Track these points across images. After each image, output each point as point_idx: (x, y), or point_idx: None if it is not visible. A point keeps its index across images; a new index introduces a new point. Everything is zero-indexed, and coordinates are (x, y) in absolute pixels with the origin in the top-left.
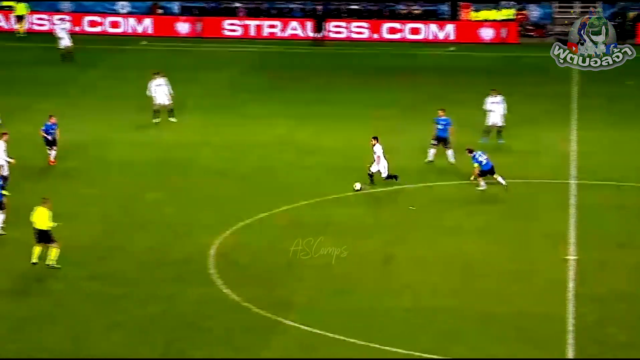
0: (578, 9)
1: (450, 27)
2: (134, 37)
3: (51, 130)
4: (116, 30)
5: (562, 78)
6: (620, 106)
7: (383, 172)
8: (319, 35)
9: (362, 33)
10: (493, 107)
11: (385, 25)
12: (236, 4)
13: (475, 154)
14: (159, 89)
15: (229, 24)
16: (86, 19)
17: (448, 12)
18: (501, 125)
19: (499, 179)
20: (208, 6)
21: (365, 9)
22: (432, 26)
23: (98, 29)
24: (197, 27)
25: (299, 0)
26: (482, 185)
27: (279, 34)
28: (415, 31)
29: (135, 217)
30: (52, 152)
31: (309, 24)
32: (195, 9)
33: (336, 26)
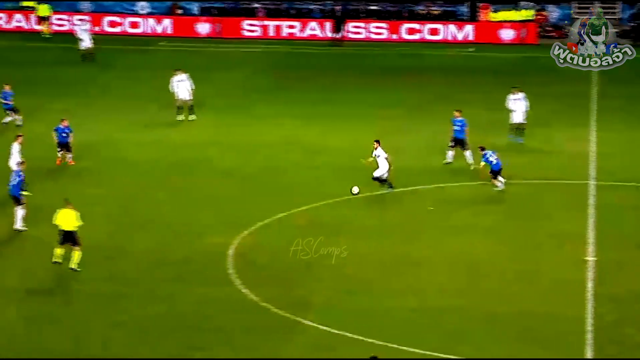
0: (597, 9)
1: (469, 28)
2: (153, 37)
3: (63, 134)
4: (136, 31)
5: (581, 79)
6: None
7: (376, 173)
8: (337, 35)
9: (381, 34)
10: (515, 105)
11: (405, 26)
12: (255, 5)
13: (487, 154)
14: (181, 84)
15: (248, 24)
16: (106, 19)
17: (467, 13)
18: (523, 123)
19: (499, 179)
20: (227, 6)
21: (384, 10)
22: (451, 27)
23: (118, 29)
24: (217, 27)
25: (318, 1)
26: (500, 186)
27: (297, 35)
28: (434, 32)
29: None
30: (68, 155)
31: (328, 25)
32: (214, 9)
33: (355, 27)
